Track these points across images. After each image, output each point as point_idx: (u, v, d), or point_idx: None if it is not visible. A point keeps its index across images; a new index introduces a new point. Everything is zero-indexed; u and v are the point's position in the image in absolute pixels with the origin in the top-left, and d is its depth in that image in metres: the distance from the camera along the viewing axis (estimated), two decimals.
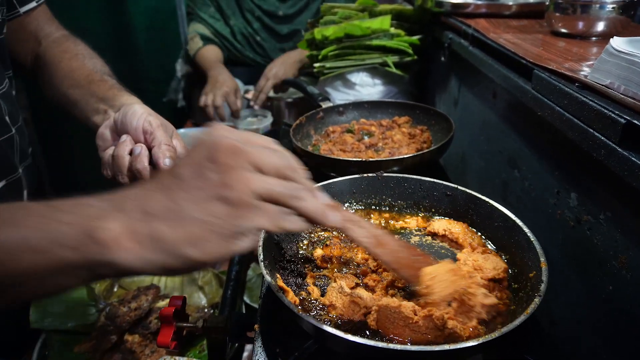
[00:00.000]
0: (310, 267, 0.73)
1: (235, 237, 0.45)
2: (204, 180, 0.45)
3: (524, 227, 0.69)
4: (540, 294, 0.58)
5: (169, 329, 0.72)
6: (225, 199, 0.44)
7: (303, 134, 1.19)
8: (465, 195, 0.80)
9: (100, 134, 0.78)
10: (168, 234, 0.43)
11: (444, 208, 0.83)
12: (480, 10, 1.20)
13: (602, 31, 0.92)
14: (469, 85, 1.22)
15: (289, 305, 0.57)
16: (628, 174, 0.54)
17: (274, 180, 0.47)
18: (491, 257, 0.71)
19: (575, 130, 0.65)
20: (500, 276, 0.67)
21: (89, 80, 0.84)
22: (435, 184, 0.83)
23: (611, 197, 0.64)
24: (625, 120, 0.55)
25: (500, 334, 0.52)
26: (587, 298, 0.70)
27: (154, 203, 0.44)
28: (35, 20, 0.94)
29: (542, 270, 0.61)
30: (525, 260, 0.67)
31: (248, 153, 0.46)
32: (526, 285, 0.64)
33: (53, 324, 0.97)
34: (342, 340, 0.52)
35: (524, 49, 0.89)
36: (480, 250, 0.73)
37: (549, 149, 0.82)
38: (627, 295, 0.61)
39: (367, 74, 1.48)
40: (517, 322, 0.54)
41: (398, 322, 0.59)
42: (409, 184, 0.85)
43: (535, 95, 0.76)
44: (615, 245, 0.63)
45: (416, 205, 0.86)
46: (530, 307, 0.56)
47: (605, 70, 0.65)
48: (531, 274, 0.64)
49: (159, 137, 0.73)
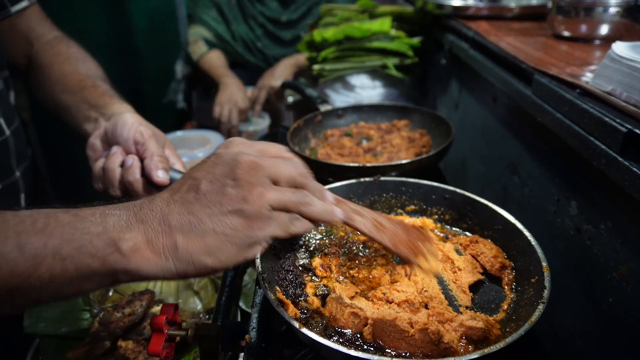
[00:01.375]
0: (310, 276, 0.72)
1: (249, 246, 0.49)
2: (224, 196, 0.48)
3: (525, 231, 0.67)
4: (543, 300, 0.56)
5: (160, 337, 0.71)
6: (242, 212, 0.48)
7: (301, 137, 1.17)
8: (463, 198, 0.78)
9: (91, 144, 0.77)
10: (187, 245, 0.47)
11: (443, 211, 0.82)
12: (482, 13, 1.18)
13: (605, 34, 0.90)
14: (469, 89, 1.20)
15: (289, 320, 0.56)
16: (629, 184, 0.53)
17: (287, 192, 0.51)
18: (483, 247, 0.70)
19: (575, 138, 0.63)
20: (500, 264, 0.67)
21: (81, 86, 0.83)
22: (433, 187, 0.82)
23: (612, 207, 0.62)
24: (626, 129, 0.53)
25: (505, 344, 0.51)
26: (588, 309, 0.69)
27: (175, 216, 0.48)
28: (27, 20, 0.92)
29: (544, 275, 0.60)
30: (526, 265, 0.66)
31: (265, 168, 0.50)
32: (528, 290, 0.63)
33: (47, 329, 0.96)
34: (341, 354, 0.51)
35: (525, 53, 0.87)
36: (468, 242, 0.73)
37: (549, 155, 0.80)
38: (627, 308, 0.59)
39: (367, 76, 1.47)
40: (521, 332, 0.52)
41: (394, 334, 0.58)
42: (407, 187, 0.84)
43: (536, 101, 0.74)
44: (616, 257, 0.61)
45: (415, 208, 0.84)
46: (534, 315, 0.54)
47: (607, 77, 0.64)
48: (533, 279, 0.62)
49: (150, 148, 0.71)
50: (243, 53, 2.15)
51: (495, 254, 0.69)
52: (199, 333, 0.73)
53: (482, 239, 0.73)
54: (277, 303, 0.58)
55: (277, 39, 2.13)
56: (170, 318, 0.75)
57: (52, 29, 0.95)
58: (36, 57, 0.90)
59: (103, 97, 0.80)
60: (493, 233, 0.73)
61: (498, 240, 0.73)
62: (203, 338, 0.73)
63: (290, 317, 0.56)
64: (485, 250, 0.70)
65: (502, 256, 0.70)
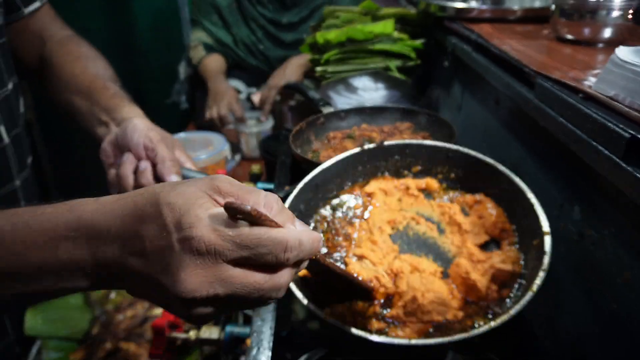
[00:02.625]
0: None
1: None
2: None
3: (528, 192, 0.69)
4: (544, 268, 0.58)
5: (162, 340, 0.72)
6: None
7: (303, 139, 1.17)
8: (466, 156, 0.80)
9: (103, 149, 0.79)
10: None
11: (447, 170, 0.84)
12: (485, 15, 1.18)
13: (609, 38, 0.89)
14: (472, 91, 1.20)
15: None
16: (631, 190, 0.52)
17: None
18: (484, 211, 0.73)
19: (578, 143, 0.63)
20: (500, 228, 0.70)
21: (92, 87, 0.84)
22: (436, 147, 0.84)
23: (615, 213, 0.62)
24: (629, 135, 0.53)
25: (510, 316, 0.54)
26: (590, 314, 0.68)
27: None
28: (39, 20, 0.93)
29: (544, 240, 0.61)
30: (530, 225, 0.67)
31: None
32: (530, 252, 0.64)
33: (48, 331, 0.96)
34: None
35: (528, 56, 0.86)
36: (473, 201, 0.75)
37: (552, 159, 0.79)
38: (630, 314, 0.59)
39: (370, 78, 1.47)
40: (524, 302, 0.54)
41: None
42: (411, 149, 0.86)
43: (538, 105, 0.74)
44: (619, 263, 0.61)
45: (421, 168, 0.87)
46: (535, 283, 0.56)
47: (610, 81, 0.63)
48: (535, 242, 0.64)
49: (160, 153, 0.73)
50: (245, 56, 2.15)
51: (495, 220, 0.71)
52: (201, 336, 0.73)
53: (485, 199, 0.75)
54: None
55: (278, 40, 2.13)
56: (171, 321, 0.75)
57: (64, 28, 0.96)
58: (48, 56, 0.91)
59: (113, 100, 0.81)
60: (499, 192, 0.75)
61: (503, 199, 0.75)
62: (204, 341, 0.73)
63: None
64: (486, 215, 0.72)
65: (502, 220, 0.72)
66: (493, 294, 0.64)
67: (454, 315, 0.61)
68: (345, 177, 0.86)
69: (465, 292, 0.64)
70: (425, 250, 0.75)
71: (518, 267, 0.65)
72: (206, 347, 0.74)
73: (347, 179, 0.86)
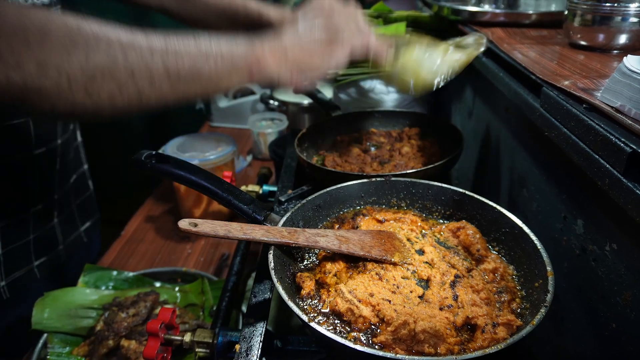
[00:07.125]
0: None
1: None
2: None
3: (532, 235, 0.68)
4: (546, 304, 0.56)
5: (156, 341, 0.72)
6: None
7: (310, 142, 1.17)
8: (472, 200, 0.80)
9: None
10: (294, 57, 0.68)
11: (451, 212, 0.84)
12: (498, 19, 1.15)
13: (624, 44, 0.86)
14: (483, 98, 1.18)
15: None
16: (632, 207, 0.50)
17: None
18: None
19: (581, 155, 0.61)
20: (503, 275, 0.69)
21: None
22: (443, 189, 0.84)
23: (617, 229, 0.59)
24: (631, 149, 0.51)
25: (507, 344, 0.52)
26: (590, 333, 0.66)
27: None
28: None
29: (548, 279, 0.60)
30: (532, 268, 0.66)
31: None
32: (532, 294, 0.63)
33: (54, 326, 0.98)
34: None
35: (538, 63, 0.84)
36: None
37: (557, 170, 0.77)
38: (630, 335, 0.57)
39: (382, 82, 1.45)
40: (523, 333, 0.53)
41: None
42: (417, 188, 0.86)
43: (543, 114, 0.72)
44: (620, 281, 0.58)
45: (422, 208, 0.87)
46: (536, 318, 0.54)
47: (616, 92, 0.61)
48: (537, 283, 0.63)
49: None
50: None
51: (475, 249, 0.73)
52: (195, 339, 0.73)
53: (469, 226, 0.77)
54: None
55: None
56: (167, 322, 0.76)
57: None
58: None
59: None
60: (500, 235, 0.75)
61: (504, 243, 0.74)
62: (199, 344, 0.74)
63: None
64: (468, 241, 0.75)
65: (482, 247, 0.74)
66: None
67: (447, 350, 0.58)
68: (348, 203, 0.86)
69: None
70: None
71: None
72: (200, 351, 0.74)
73: (350, 206, 0.87)
